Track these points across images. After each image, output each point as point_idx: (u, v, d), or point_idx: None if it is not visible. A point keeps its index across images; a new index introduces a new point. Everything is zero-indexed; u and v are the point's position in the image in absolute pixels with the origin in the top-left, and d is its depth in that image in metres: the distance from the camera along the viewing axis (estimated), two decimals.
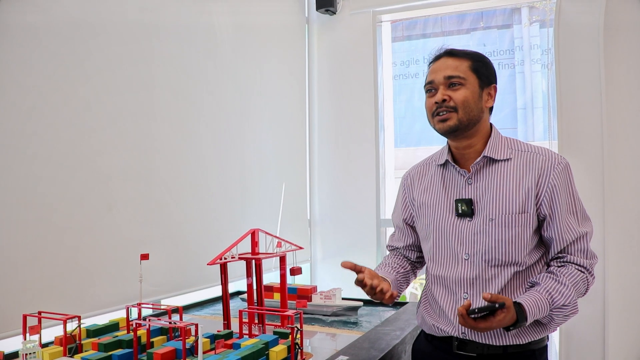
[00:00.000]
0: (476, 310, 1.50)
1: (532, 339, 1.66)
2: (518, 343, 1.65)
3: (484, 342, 1.67)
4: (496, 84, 1.75)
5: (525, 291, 1.66)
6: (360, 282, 1.63)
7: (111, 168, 2.41)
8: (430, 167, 1.87)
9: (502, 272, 1.66)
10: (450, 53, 1.72)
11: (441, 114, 1.67)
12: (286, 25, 3.90)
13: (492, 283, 1.66)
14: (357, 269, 1.65)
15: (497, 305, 1.48)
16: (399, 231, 1.99)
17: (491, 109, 1.76)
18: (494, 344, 1.66)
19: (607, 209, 2.82)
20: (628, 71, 2.90)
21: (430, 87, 1.71)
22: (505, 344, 1.65)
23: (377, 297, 1.65)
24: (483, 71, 1.71)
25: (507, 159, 1.69)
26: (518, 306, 1.55)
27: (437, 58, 1.74)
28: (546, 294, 1.58)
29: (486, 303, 1.51)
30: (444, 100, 1.66)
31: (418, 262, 1.98)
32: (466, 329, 1.68)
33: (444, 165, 1.79)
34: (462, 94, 1.66)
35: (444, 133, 1.71)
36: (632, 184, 2.88)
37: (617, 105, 2.87)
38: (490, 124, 1.77)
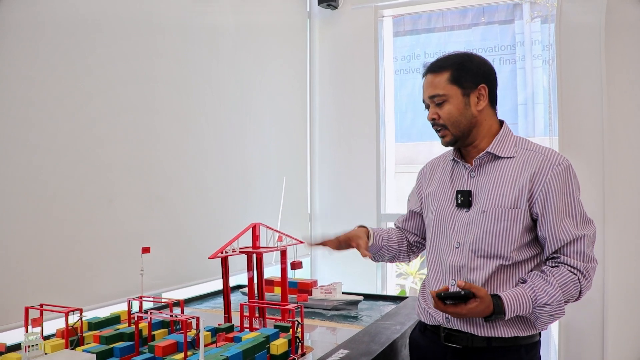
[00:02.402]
0: (442, 295, 1.57)
1: (517, 334, 1.68)
2: (501, 336, 1.68)
3: (467, 331, 1.70)
4: (488, 81, 1.74)
5: (513, 287, 1.68)
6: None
7: (112, 161, 2.41)
8: (444, 161, 1.93)
9: (487, 263, 1.69)
10: (432, 69, 1.77)
11: (437, 130, 1.78)
12: (288, 19, 3.90)
13: (477, 273, 1.70)
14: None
15: (462, 293, 1.55)
16: (407, 215, 2.08)
17: (494, 103, 1.78)
18: (477, 334, 1.69)
19: (607, 206, 2.83)
20: (628, 68, 2.91)
21: (425, 105, 1.81)
22: (487, 335, 1.68)
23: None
24: (465, 77, 1.72)
25: (511, 157, 1.72)
26: (497, 299, 1.59)
27: (423, 75, 1.80)
28: (530, 290, 1.61)
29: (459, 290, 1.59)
30: (434, 119, 1.75)
31: (414, 245, 2.08)
32: (450, 316, 1.72)
33: (454, 160, 1.85)
34: (447, 111, 1.73)
35: (446, 146, 1.81)
36: (632, 181, 2.89)
37: (617, 102, 2.87)
38: (501, 122, 1.80)
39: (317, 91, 4.09)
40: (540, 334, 1.76)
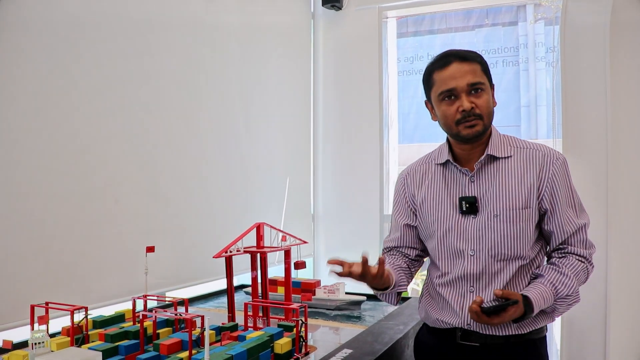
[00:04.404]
0: (491, 309, 1.57)
1: (533, 329, 1.71)
2: (520, 333, 1.70)
3: (487, 333, 1.71)
4: None
5: (528, 283, 1.71)
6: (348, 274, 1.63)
7: (118, 161, 2.42)
8: (429, 166, 1.86)
9: (508, 266, 1.70)
10: (463, 57, 1.67)
11: (469, 120, 1.65)
12: (291, 20, 3.90)
13: (498, 277, 1.70)
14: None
15: (509, 302, 1.56)
16: (396, 232, 1.94)
17: None
18: (497, 334, 1.70)
19: (611, 207, 2.83)
20: (634, 71, 2.90)
21: (451, 95, 1.66)
22: (508, 334, 1.70)
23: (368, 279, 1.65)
24: (489, 72, 1.72)
25: (508, 157, 1.72)
26: (525, 299, 1.61)
27: (448, 63, 1.67)
28: (550, 285, 1.65)
29: (495, 298, 1.60)
30: (472, 108, 1.64)
31: (416, 260, 1.94)
32: (471, 320, 1.71)
33: (444, 164, 1.80)
34: (485, 100, 1.66)
35: (470, 139, 1.69)
36: (636, 182, 2.88)
37: (622, 104, 2.87)
38: None
39: (321, 92, 4.10)
40: (546, 327, 1.79)
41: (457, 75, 1.65)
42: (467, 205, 1.72)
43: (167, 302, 2.46)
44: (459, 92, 1.65)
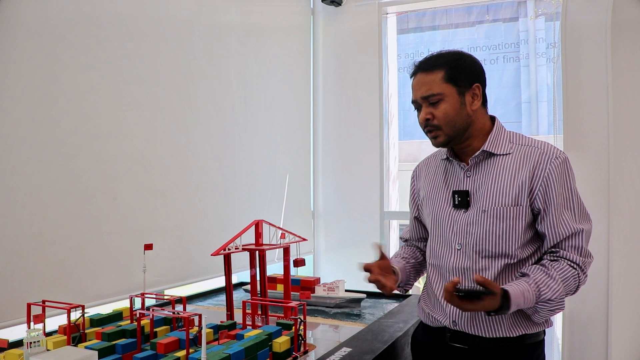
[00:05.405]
0: (461, 290, 1.51)
1: (524, 332, 1.67)
2: (509, 336, 1.67)
3: (473, 333, 1.69)
4: (481, 80, 1.72)
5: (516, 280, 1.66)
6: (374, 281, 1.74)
7: (116, 158, 2.41)
8: (436, 160, 1.90)
9: (493, 263, 1.67)
10: (424, 68, 1.71)
11: (430, 131, 1.72)
12: (291, 16, 3.88)
13: (484, 274, 1.68)
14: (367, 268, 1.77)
15: (483, 290, 1.50)
16: (410, 224, 2.04)
17: (485, 103, 1.75)
18: (484, 335, 1.68)
19: (612, 202, 2.82)
20: (634, 67, 2.90)
21: (415, 106, 1.75)
22: (496, 336, 1.67)
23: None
24: (460, 76, 1.68)
25: (507, 154, 1.69)
26: (504, 293, 1.55)
27: (413, 74, 1.74)
28: (534, 285, 1.59)
29: (475, 285, 1.53)
30: (428, 119, 1.70)
31: None
32: (457, 318, 1.70)
33: (447, 158, 1.82)
34: (442, 111, 1.67)
35: (438, 147, 1.76)
36: (637, 179, 2.88)
37: (623, 101, 2.86)
38: (493, 118, 1.77)
39: (321, 88, 4.08)
40: (544, 332, 1.75)
41: (416, 88, 1.73)
42: (459, 199, 1.72)
43: (165, 300, 2.45)
44: (420, 103, 1.72)
